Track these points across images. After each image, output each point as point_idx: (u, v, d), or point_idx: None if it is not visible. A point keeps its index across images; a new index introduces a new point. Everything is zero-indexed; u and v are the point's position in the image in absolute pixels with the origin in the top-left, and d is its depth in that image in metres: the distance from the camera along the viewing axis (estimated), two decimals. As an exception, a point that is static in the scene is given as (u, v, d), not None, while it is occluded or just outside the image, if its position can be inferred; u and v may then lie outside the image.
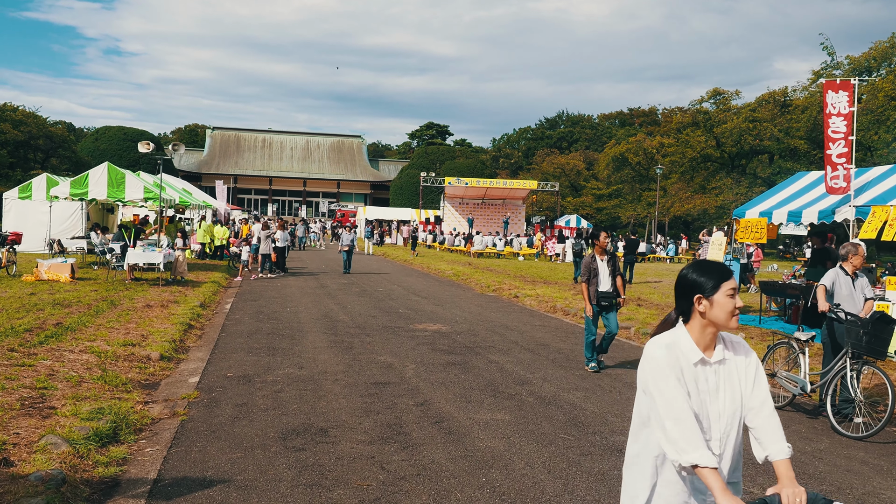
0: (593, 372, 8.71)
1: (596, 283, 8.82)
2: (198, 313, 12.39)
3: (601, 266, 8.87)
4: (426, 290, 18.79)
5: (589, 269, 8.86)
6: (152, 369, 8.11)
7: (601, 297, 8.78)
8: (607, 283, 8.84)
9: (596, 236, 8.97)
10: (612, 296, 8.84)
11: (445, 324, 12.53)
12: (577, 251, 23.01)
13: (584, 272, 8.90)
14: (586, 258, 8.98)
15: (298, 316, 12.86)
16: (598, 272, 8.84)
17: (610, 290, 8.84)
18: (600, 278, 8.83)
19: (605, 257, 8.90)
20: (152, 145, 18.81)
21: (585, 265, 8.89)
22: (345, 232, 24.22)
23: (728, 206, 51.90)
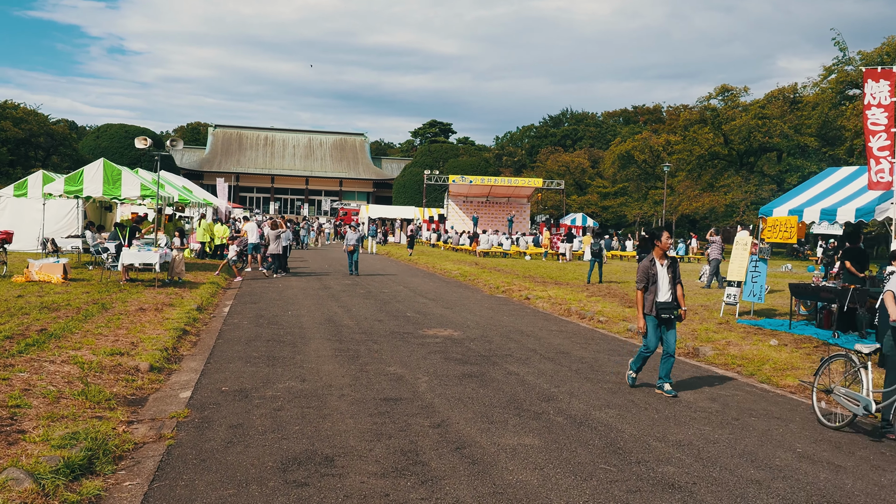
0: (630, 385, 7.88)
1: (654, 291, 7.65)
2: (194, 317, 11.67)
3: (661, 272, 7.71)
4: (433, 292, 18.05)
5: (647, 276, 7.69)
6: (140, 382, 7.39)
7: (660, 308, 7.62)
8: (667, 293, 7.67)
9: (657, 237, 7.78)
10: (672, 307, 7.68)
11: (457, 329, 11.79)
12: (596, 251, 22.22)
13: (640, 279, 7.76)
14: (643, 263, 7.80)
15: (300, 320, 12.13)
16: (658, 279, 7.68)
17: (670, 301, 7.68)
18: (659, 286, 7.66)
19: (665, 262, 7.76)
20: (149, 141, 18.11)
21: (642, 270, 7.74)
22: (350, 231, 22.80)
23: (737, 205, 51.12)
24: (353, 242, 22.02)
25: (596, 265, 21.84)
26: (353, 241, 22.03)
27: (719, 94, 58.02)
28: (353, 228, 23.05)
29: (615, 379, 8.30)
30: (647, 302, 7.69)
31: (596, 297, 17.12)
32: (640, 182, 68.17)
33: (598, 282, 21.44)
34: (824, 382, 6.81)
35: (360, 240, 22.48)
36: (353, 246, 22.00)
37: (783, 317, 14.18)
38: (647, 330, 7.69)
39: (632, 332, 12.35)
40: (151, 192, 18.70)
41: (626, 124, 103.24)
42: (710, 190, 55.58)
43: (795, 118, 52.13)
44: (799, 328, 12.38)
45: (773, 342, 10.94)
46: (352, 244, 22.02)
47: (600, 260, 22.00)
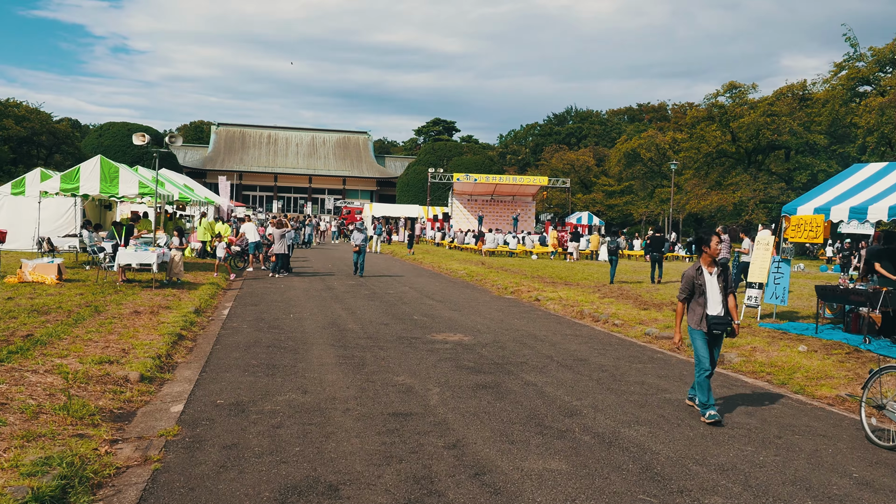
0: (711, 423, 6.42)
1: (703, 303, 6.63)
2: (191, 321, 11.12)
3: (710, 282, 6.68)
4: (440, 293, 17.48)
5: (692, 285, 6.70)
6: (129, 394, 6.83)
7: (712, 323, 6.58)
8: (718, 305, 6.64)
9: (704, 241, 6.71)
10: (725, 322, 6.62)
11: (467, 333, 11.22)
12: (613, 249, 21.71)
13: (683, 288, 6.77)
14: (689, 271, 6.79)
15: (303, 324, 11.57)
16: (706, 289, 6.65)
17: (722, 314, 6.63)
18: (709, 298, 6.63)
19: (714, 269, 6.73)
20: (147, 137, 17.55)
21: (687, 280, 6.74)
22: (356, 231, 21.58)
23: (746, 203, 50.44)
24: (360, 243, 21.09)
25: (613, 263, 21.49)
26: (360, 241, 21.11)
27: (727, 92, 57.30)
28: (360, 228, 21.86)
29: (640, 390, 7.72)
30: (695, 316, 6.69)
31: (609, 298, 16.53)
32: (646, 180, 67.51)
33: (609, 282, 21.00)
34: (874, 396, 6.22)
35: (367, 240, 21.53)
36: (360, 246, 21.10)
37: (806, 319, 13.59)
38: (696, 348, 6.66)
39: (650, 336, 11.77)
40: (150, 189, 18.17)
41: (630, 122, 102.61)
42: (718, 188, 54.90)
43: (805, 115, 51.42)
44: (826, 332, 11.78)
45: (801, 348, 10.34)
46: (358, 244, 21.10)
47: (616, 258, 21.57)
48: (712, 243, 6.66)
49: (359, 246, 21.10)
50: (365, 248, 21.31)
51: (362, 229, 21.70)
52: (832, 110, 47.32)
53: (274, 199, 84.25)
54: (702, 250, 6.74)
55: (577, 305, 15.27)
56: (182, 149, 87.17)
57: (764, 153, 57.08)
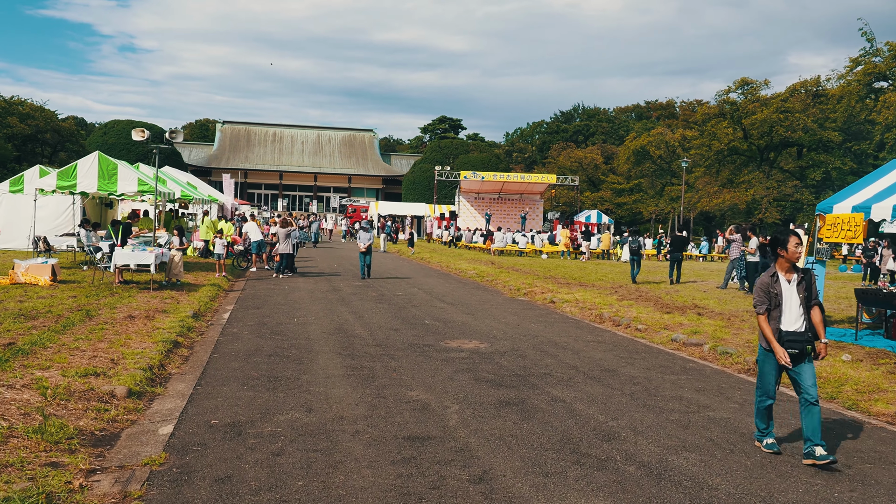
0: (771, 452, 5.63)
1: (777, 317, 5.56)
2: (189, 326, 10.42)
3: (787, 291, 5.58)
4: (451, 295, 16.77)
5: (767, 295, 5.60)
6: (114, 412, 6.13)
7: (787, 339, 5.48)
8: (797, 318, 5.53)
9: (781, 243, 5.62)
10: (804, 339, 5.49)
11: (482, 340, 10.50)
12: (635, 249, 21.04)
13: (759, 299, 5.64)
14: (763, 278, 5.68)
15: (307, 329, 10.87)
16: (783, 301, 5.57)
17: (801, 330, 5.52)
18: (784, 310, 5.54)
19: (794, 277, 5.63)
20: (147, 133, 16.90)
21: (762, 289, 5.64)
22: (362, 231, 20.37)
23: (760, 201, 49.55)
24: (368, 243, 19.90)
25: (634, 264, 20.83)
26: (367, 241, 19.89)
27: (738, 88, 56.40)
28: (366, 227, 20.64)
29: (679, 407, 6.99)
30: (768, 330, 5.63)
31: (627, 300, 15.79)
32: (655, 178, 66.64)
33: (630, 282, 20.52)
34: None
35: (372, 240, 20.33)
36: (367, 247, 19.95)
37: (841, 324, 12.83)
38: (762, 369, 5.70)
39: (677, 342, 11.04)
40: (150, 187, 17.51)
41: (638, 119, 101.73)
42: (730, 186, 54.03)
43: (819, 112, 50.50)
44: (866, 339, 11.02)
45: (845, 357, 9.59)
46: (365, 245, 19.91)
47: (638, 258, 20.91)
48: (790, 245, 5.56)
49: (365, 246, 19.98)
50: (372, 249, 20.24)
51: (368, 229, 20.73)
52: (847, 106, 46.39)
53: (279, 198, 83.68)
54: (777, 254, 5.66)
55: (595, 308, 14.54)
56: (187, 147, 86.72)
57: (776, 150, 56.17)
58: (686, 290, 18.72)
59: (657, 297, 16.54)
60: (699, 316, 13.49)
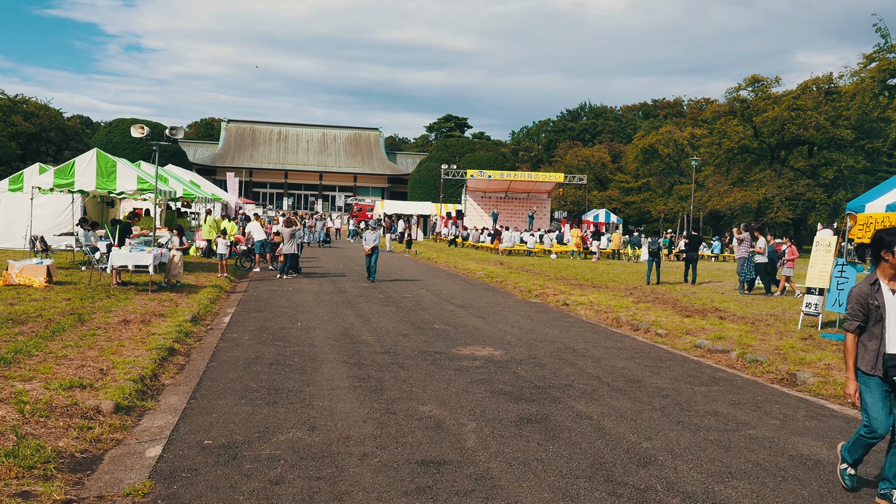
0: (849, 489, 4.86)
1: (879, 335, 4.59)
2: (186, 331, 9.88)
3: (891, 303, 4.60)
4: (460, 297, 16.19)
5: (864, 308, 4.65)
6: (98, 431, 5.58)
7: (891, 365, 4.51)
8: None
9: (887, 245, 4.60)
10: None
11: (496, 346, 9.92)
12: (655, 250, 20.50)
13: (853, 311, 4.70)
14: (860, 287, 4.71)
15: (311, 334, 10.31)
16: (886, 314, 4.58)
17: None
18: (889, 326, 4.55)
19: None
20: (147, 129, 16.37)
21: (859, 300, 4.68)
22: (368, 231, 19.34)
23: (771, 200, 48.80)
24: (374, 244, 18.76)
25: (654, 265, 20.26)
26: (373, 242, 18.75)
27: (749, 85, 55.62)
28: (372, 227, 19.51)
29: (717, 424, 6.40)
30: (866, 354, 4.64)
31: (644, 303, 15.20)
32: (663, 177, 65.92)
33: (655, 283, 20.08)
34: None
35: (378, 240, 19.08)
36: (372, 248, 18.78)
37: None
38: (863, 399, 4.66)
39: (701, 349, 10.45)
40: (149, 185, 17.00)
41: (645, 118, 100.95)
42: (741, 185, 53.25)
43: (831, 109, 49.69)
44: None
45: None
46: (370, 246, 18.77)
47: (658, 259, 20.36)
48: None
49: (371, 248, 18.80)
50: (378, 250, 19.14)
51: (376, 228, 20.10)
52: (861, 104, 45.60)
53: (284, 197, 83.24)
54: (881, 258, 4.66)
55: (611, 311, 13.95)
56: (192, 145, 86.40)
57: (787, 149, 55.38)
58: (703, 291, 18.11)
59: (675, 300, 15.94)
60: (721, 320, 12.89)
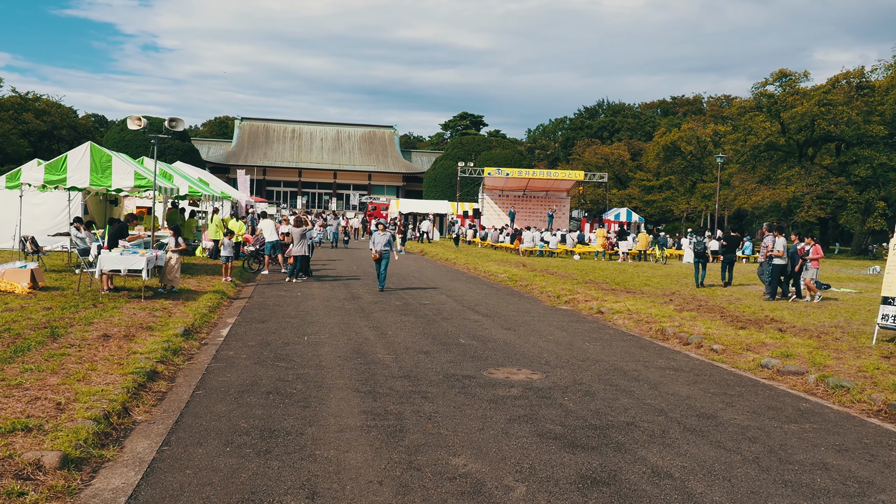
0: None
1: None
2: (175, 348, 8.55)
3: None
4: (484, 304, 14.80)
5: None
6: (33, 497, 4.24)
7: None
8: None
9: None
10: None
11: (533, 367, 8.52)
12: (700, 251, 19.14)
13: None
14: None
15: (319, 351, 8.95)
16: None
17: None
18: None
19: None
20: (144, 121, 15.13)
21: None
22: (377, 232, 16.42)
23: (801, 199, 46.96)
24: (383, 248, 15.90)
25: (700, 266, 18.89)
26: (383, 245, 15.92)
27: (776, 80, 53.74)
28: (382, 227, 16.47)
29: (834, 485, 4.95)
30: None
31: (688, 311, 13.73)
32: (684, 175, 64.07)
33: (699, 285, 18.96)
34: None
35: (391, 243, 16.28)
36: (382, 253, 15.88)
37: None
38: None
39: (769, 370, 9.00)
40: (148, 182, 15.74)
41: (664, 115, 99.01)
42: (768, 183, 51.39)
43: (864, 104, 47.75)
44: None
45: None
46: (379, 250, 15.87)
47: (704, 261, 18.98)
48: None
49: (380, 252, 15.85)
50: (389, 255, 16.09)
51: (387, 227, 17.49)
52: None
53: (298, 195, 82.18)
54: None
55: (653, 321, 12.50)
56: (205, 143, 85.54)
57: (815, 146, 53.45)
58: (748, 298, 16.59)
59: (720, 308, 14.45)
60: (781, 333, 11.40)
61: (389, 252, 16.15)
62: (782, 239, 16.66)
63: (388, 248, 16.09)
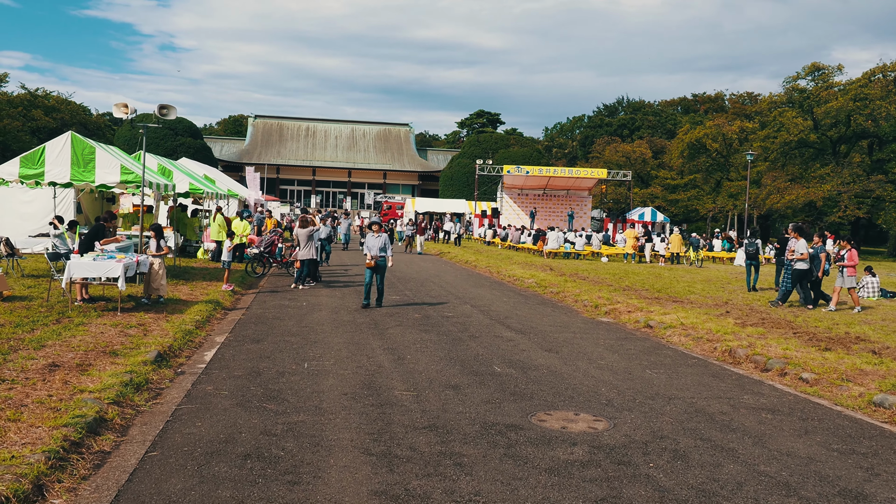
0: None
1: None
2: (140, 381, 6.77)
3: None
4: (515, 315, 12.94)
5: None
6: None
7: None
8: None
9: None
10: None
11: (594, 409, 6.66)
12: (753, 252, 17.42)
13: None
14: None
15: (321, 385, 7.14)
16: None
17: None
18: None
19: None
20: (131, 107, 13.42)
21: None
22: (371, 234, 13.16)
23: (838, 198, 44.65)
24: (377, 253, 12.88)
25: (752, 269, 17.15)
26: (378, 250, 12.91)
27: (809, 74, 51.40)
28: (377, 228, 13.27)
29: None
30: None
31: (752, 326, 11.80)
32: (708, 174, 61.72)
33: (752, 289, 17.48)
34: None
35: (386, 248, 13.06)
36: (377, 259, 12.88)
37: None
38: None
39: (886, 409, 7.10)
40: (136, 176, 14.04)
41: (685, 113, 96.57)
42: (800, 181, 49.05)
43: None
44: None
45: None
46: (374, 256, 12.86)
47: (756, 263, 17.22)
48: None
49: (374, 259, 12.84)
50: (386, 263, 13.13)
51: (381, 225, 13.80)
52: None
53: (312, 194, 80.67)
54: None
55: (715, 339, 10.61)
56: (218, 142, 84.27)
57: (849, 143, 51.05)
58: (817, 310, 14.62)
59: (788, 322, 12.50)
60: (877, 356, 9.45)
61: (386, 259, 13.08)
62: (803, 241, 14.88)
63: (384, 255, 13.01)
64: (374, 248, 12.90)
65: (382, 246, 12.96)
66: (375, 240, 12.97)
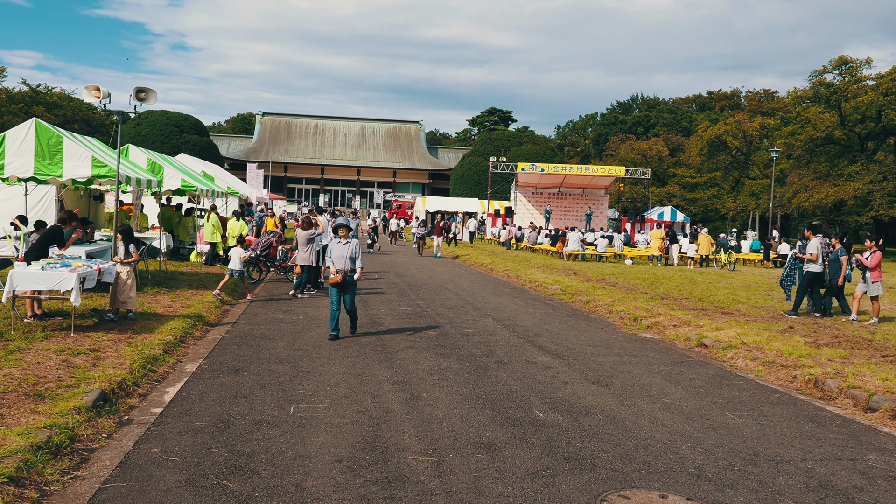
0: None
1: None
2: (60, 442, 4.96)
3: None
4: (545, 332, 11.08)
5: None
6: None
7: None
8: None
9: None
10: None
11: (681, 484, 4.80)
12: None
13: None
14: None
15: (307, 446, 5.31)
16: None
17: None
18: None
19: None
20: (104, 90, 11.69)
21: None
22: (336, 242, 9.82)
23: (871, 197, 42.47)
24: (344, 266, 9.64)
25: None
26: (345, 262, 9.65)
27: (836, 68, 49.15)
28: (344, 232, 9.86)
29: None
30: None
31: (828, 346, 9.92)
32: (726, 172, 59.56)
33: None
34: None
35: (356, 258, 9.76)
36: (345, 273, 9.65)
37: None
38: None
39: None
40: (111, 170, 12.28)
41: (700, 111, 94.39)
42: (826, 179, 46.87)
43: (939, 92, 43.05)
44: None
45: None
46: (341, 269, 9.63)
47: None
48: None
49: (342, 273, 9.61)
50: (354, 279, 9.75)
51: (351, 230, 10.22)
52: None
53: (320, 192, 78.96)
54: None
55: (789, 364, 8.78)
56: (225, 140, 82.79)
57: (877, 139, 48.82)
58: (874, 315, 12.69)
59: (867, 340, 10.57)
60: None
61: (354, 274, 9.74)
62: (816, 240, 13.06)
63: (352, 269, 9.71)
64: (341, 259, 9.64)
65: (352, 256, 9.71)
66: (342, 248, 9.71)
